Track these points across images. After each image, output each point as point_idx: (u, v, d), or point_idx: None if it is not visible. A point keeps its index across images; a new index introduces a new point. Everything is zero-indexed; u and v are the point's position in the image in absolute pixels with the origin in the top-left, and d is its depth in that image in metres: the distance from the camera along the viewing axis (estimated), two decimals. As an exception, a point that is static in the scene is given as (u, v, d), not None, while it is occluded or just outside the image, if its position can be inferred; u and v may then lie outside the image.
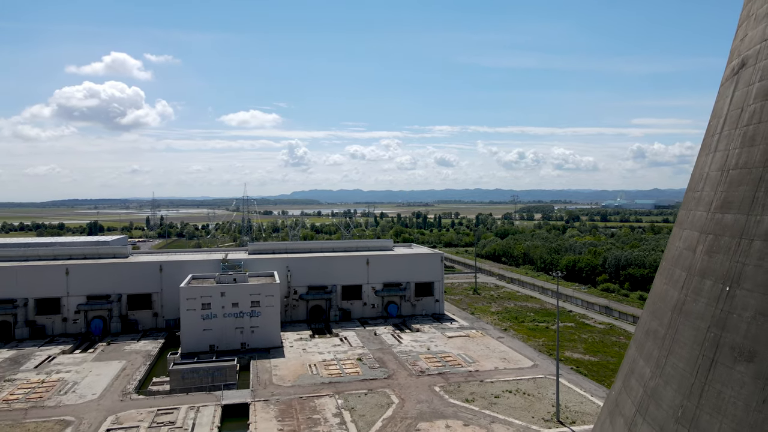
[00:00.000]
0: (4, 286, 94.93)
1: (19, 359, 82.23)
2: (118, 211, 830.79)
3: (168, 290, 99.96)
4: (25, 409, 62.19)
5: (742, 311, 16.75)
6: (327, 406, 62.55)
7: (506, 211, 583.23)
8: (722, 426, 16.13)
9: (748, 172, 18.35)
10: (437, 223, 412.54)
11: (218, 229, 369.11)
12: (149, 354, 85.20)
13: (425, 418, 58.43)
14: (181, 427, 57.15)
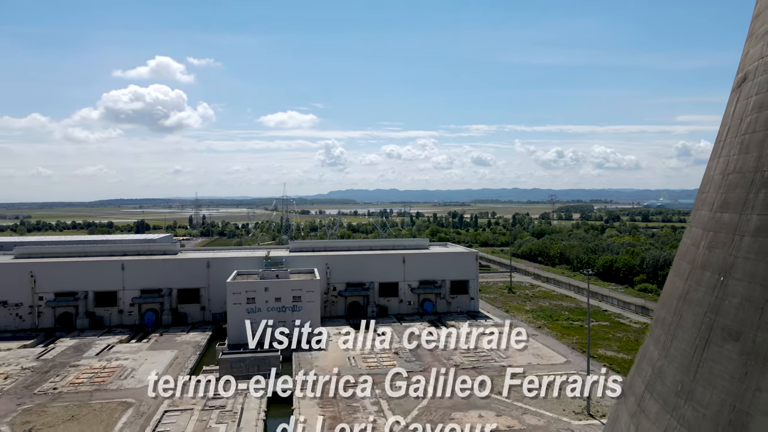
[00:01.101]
0: (67, 279, 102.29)
1: (82, 347, 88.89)
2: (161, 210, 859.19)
3: (214, 285, 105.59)
4: (90, 392, 67.98)
5: (732, 298, 19.19)
6: (366, 394, 66.02)
7: (544, 211, 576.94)
8: (712, 396, 18.65)
9: (742, 176, 20.71)
10: (473, 222, 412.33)
11: (258, 228, 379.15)
12: (198, 345, 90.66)
13: (459, 408, 61.28)
14: (231, 411, 61.68)
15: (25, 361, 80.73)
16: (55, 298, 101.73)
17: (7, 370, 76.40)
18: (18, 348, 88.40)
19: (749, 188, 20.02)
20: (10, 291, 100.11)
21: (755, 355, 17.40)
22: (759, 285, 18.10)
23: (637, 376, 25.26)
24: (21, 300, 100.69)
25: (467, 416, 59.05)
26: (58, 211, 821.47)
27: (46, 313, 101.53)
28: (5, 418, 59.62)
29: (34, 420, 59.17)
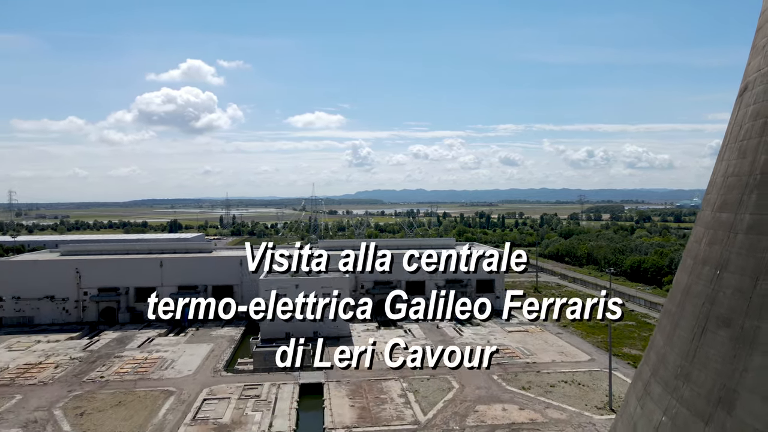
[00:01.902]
0: (109, 276, 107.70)
1: (124, 340, 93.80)
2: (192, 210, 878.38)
3: (248, 282, 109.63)
4: (135, 381, 72.31)
5: (726, 289, 21.21)
6: (393, 388, 68.73)
7: (573, 212, 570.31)
8: (706, 377, 20.72)
9: (739, 179, 22.67)
10: (500, 223, 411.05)
11: (287, 228, 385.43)
12: (233, 339, 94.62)
13: (483, 402, 63.43)
14: (266, 400, 65.04)
15: (73, 352, 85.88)
16: (99, 293, 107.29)
17: (57, 360, 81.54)
18: (66, 340, 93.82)
19: (744, 190, 22.02)
20: (57, 286, 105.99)
21: (743, 340, 19.46)
22: (748, 277, 20.14)
23: (645, 364, 27.36)
24: (67, 295, 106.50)
25: (491, 409, 61.13)
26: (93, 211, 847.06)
27: (90, 307, 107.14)
28: (58, 403, 64.19)
29: (84, 405, 63.58)
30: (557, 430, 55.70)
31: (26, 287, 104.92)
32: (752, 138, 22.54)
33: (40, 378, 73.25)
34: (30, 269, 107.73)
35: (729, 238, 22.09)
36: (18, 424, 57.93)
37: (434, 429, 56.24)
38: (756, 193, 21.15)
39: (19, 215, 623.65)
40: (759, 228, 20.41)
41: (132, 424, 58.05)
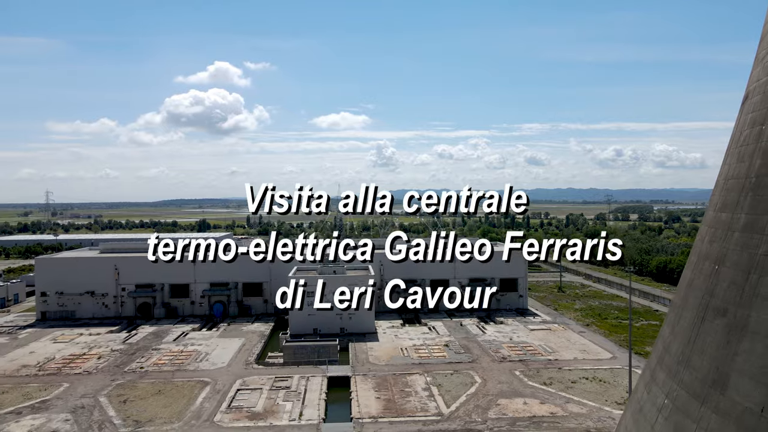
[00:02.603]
0: (146, 273, 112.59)
1: (160, 333, 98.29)
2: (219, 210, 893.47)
3: (276, 280, 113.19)
4: (172, 371, 76.31)
5: (722, 282, 23.18)
6: (417, 382, 71.23)
7: (600, 212, 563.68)
8: (703, 362, 22.73)
9: (737, 182, 24.58)
10: (525, 223, 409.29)
11: (312, 228, 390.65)
12: (263, 334, 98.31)
13: (505, 396, 65.45)
14: (296, 391, 68.19)
15: (113, 344, 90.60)
16: (136, 289, 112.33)
17: (99, 351, 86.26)
18: (106, 333, 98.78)
19: (741, 192, 23.97)
20: (97, 282, 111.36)
21: (735, 327, 21.48)
22: (742, 271, 22.13)
23: (653, 353, 29.39)
24: (106, 290, 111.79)
25: (513, 402, 63.13)
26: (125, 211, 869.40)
27: (127, 302, 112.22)
28: (102, 391, 68.44)
29: (126, 393, 67.68)
30: (577, 423, 57.46)
31: (68, 283, 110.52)
32: (749, 144, 24.44)
33: (85, 368, 77.86)
34: (72, 266, 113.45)
35: (727, 236, 24.05)
36: (67, 410, 62.19)
37: (457, 420, 58.55)
38: (751, 195, 23.08)
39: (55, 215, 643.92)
40: (752, 227, 22.36)
41: (172, 410, 61.77)
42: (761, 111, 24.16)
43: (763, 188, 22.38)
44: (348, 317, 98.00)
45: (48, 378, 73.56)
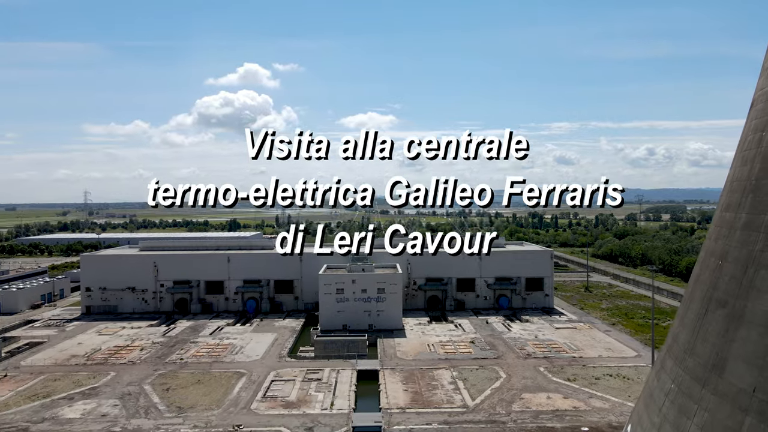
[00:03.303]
0: (183, 270, 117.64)
1: (197, 328, 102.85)
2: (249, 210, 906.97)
3: (306, 277, 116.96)
4: (210, 363, 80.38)
5: (724, 276, 25.17)
6: (443, 376, 73.65)
7: (631, 212, 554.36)
8: (705, 349, 24.78)
9: (740, 184, 26.50)
10: (554, 223, 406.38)
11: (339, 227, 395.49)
12: (294, 329, 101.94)
13: (529, 390, 67.38)
14: (327, 383, 71.35)
15: (154, 337, 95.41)
16: (173, 285, 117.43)
17: (141, 344, 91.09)
18: (146, 326, 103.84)
19: (743, 193, 25.93)
20: (137, 279, 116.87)
21: (733, 317, 23.51)
22: (741, 266, 24.14)
23: (665, 344, 31.40)
24: (146, 287, 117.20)
25: (536, 397, 65.05)
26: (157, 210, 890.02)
27: (166, 298, 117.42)
28: (146, 380, 72.81)
29: (169, 382, 71.88)
30: (599, 417, 59.10)
31: (111, 279, 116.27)
32: (752, 149, 26.35)
33: (129, 358, 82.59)
34: (114, 263, 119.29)
35: (730, 234, 26.02)
36: (115, 396, 66.62)
37: (481, 412, 60.82)
38: (751, 196, 25.03)
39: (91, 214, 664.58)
40: (751, 225, 24.33)
41: (211, 398, 65.61)
42: (763, 118, 26.06)
43: (762, 190, 24.33)
44: (376, 314, 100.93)
45: (96, 367, 78.42)
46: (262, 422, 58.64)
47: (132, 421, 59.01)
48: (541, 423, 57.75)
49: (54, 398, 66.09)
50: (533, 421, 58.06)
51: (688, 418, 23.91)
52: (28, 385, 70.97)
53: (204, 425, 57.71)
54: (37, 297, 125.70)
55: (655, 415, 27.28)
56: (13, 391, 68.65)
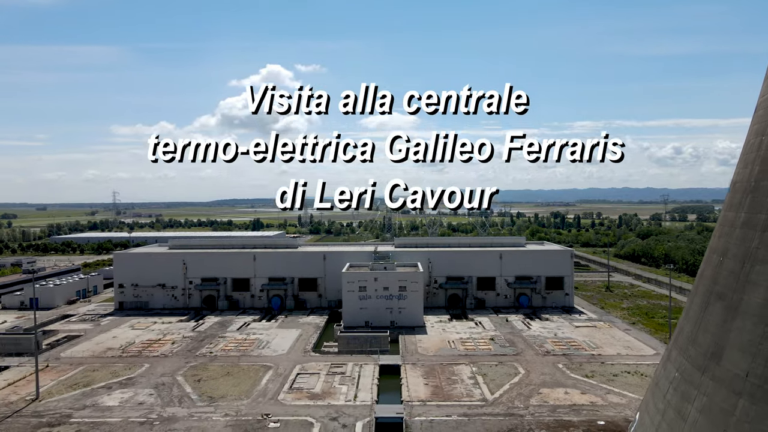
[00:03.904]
0: (210, 268, 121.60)
1: (225, 323, 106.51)
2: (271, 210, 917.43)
3: (330, 275, 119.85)
4: (238, 356, 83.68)
5: (724, 271, 26.89)
6: (463, 371, 75.67)
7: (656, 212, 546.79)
8: (706, 338, 26.54)
9: (741, 185, 28.17)
10: (576, 223, 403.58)
11: (362, 227, 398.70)
12: (318, 326, 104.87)
13: (547, 386, 69.02)
14: (350, 377, 73.95)
15: (184, 332, 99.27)
16: (202, 282, 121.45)
17: (172, 338, 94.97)
18: (176, 322, 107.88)
19: (743, 194, 27.63)
20: (167, 276, 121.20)
21: (731, 309, 25.29)
22: (739, 261, 25.89)
23: (672, 337, 33.12)
24: (176, 283, 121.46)
25: (554, 392, 66.68)
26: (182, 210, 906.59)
27: (194, 295, 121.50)
28: (179, 371, 76.35)
29: (200, 374, 75.29)
30: (616, 412, 60.53)
31: (143, 276, 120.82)
32: (752, 152, 28.03)
33: (161, 351, 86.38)
34: (145, 261, 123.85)
35: (730, 232, 27.75)
36: (150, 386, 70.21)
37: (500, 406, 62.73)
38: (750, 197, 26.74)
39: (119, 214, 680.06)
40: (749, 224, 26.05)
41: (240, 389, 68.74)
42: (763, 123, 27.72)
43: (760, 191, 26.04)
44: (398, 311, 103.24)
45: (131, 359, 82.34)
46: (289, 412, 61.45)
47: (167, 409, 62.39)
48: (558, 417, 59.44)
49: (93, 387, 69.97)
50: (550, 415, 59.78)
51: (689, 402, 25.72)
52: (68, 375, 75.11)
53: (234, 414, 60.78)
54: (72, 293, 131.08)
55: (660, 401, 29.10)
56: (55, 380, 72.79)
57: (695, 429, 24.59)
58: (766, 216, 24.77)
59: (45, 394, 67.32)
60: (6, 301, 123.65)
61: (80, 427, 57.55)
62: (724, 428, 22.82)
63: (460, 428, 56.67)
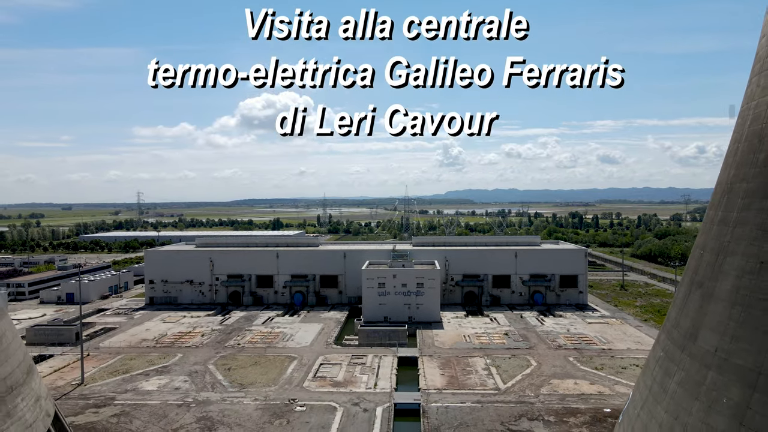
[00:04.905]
0: (236, 265, 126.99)
1: (250, 318, 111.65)
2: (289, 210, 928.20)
3: (350, 273, 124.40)
4: (264, 348, 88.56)
5: (703, 263, 30.43)
6: (478, 363, 79.47)
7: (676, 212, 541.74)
8: (686, 322, 30.18)
9: (720, 187, 31.66)
10: (594, 223, 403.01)
11: (380, 227, 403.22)
12: (339, 320, 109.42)
13: (557, 377, 72.50)
14: (370, 367, 78.25)
15: (212, 325, 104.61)
16: (228, 279, 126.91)
17: (202, 330, 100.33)
18: (205, 316, 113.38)
19: (722, 195, 31.23)
20: (195, 273, 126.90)
21: (707, 295, 28.95)
22: (715, 254, 29.52)
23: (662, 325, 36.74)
24: (203, 280, 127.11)
25: (564, 382, 70.16)
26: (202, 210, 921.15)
27: (220, 290, 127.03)
28: (210, 360, 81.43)
29: (229, 363, 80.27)
30: (622, 401, 63.80)
31: (172, 273, 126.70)
32: (731, 157, 31.60)
33: (192, 343, 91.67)
34: (174, 258, 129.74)
35: (710, 228, 31.35)
36: (184, 373, 75.34)
37: (512, 395, 66.46)
38: (726, 197, 30.33)
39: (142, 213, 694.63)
40: (724, 221, 29.65)
41: (268, 377, 73.48)
42: (739, 132, 31.29)
43: (734, 192, 29.64)
44: (416, 307, 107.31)
45: (164, 349, 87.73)
46: (314, 397, 65.96)
47: (201, 393, 67.35)
48: (566, 404, 62.99)
49: (132, 374, 75.34)
50: (559, 403, 63.36)
51: (670, 377, 29.37)
52: (108, 363, 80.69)
53: (263, 398, 65.47)
54: (105, 289, 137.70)
55: (648, 378, 32.77)
56: (97, 367, 78.38)
57: (674, 399, 28.28)
58: (736, 214, 28.34)
59: (89, 380, 72.84)
60: (44, 296, 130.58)
61: (124, 408, 62.75)
62: (696, 396, 26.50)
63: (474, 413, 60.56)
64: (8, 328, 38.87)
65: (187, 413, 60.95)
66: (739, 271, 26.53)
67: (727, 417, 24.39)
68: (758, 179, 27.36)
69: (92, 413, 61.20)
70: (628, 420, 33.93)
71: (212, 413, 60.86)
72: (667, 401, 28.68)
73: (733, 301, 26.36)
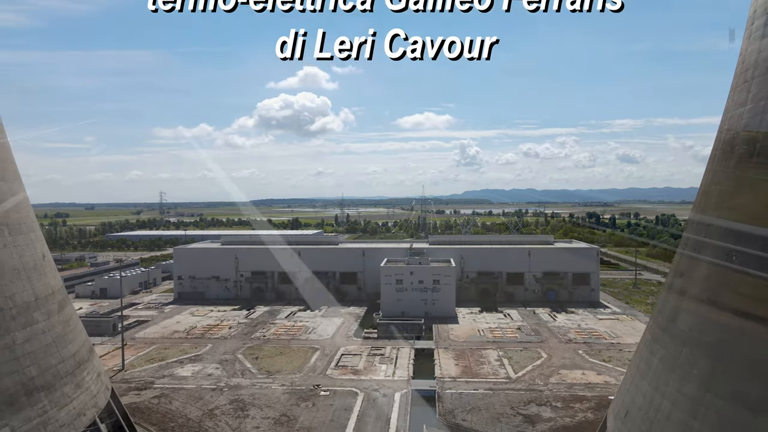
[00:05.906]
0: (260, 262, 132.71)
1: (274, 312, 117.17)
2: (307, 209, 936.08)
3: (368, 270, 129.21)
4: (288, 340, 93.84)
5: (684, 258, 34.61)
6: (490, 354, 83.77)
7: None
8: (667, 308, 34.36)
9: (702, 189, 35.77)
10: (611, 223, 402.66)
11: (397, 227, 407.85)
12: (358, 315, 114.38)
13: (566, 368, 76.51)
14: (389, 357, 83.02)
15: (238, 319, 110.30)
16: (252, 275, 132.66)
17: (229, 323, 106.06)
18: (231, 310, 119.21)
19: (701, 196, 35.33)
20: (221, 269, 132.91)
21: (686, 283, 33.11)
22: (692, 250, 33.67)
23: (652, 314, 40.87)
24: (228, 276, 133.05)
25: (572, 373, 74.17)
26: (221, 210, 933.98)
27: (245, 287, 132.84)
28: (238, 350, 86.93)
29: (256, 353, 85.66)
30: (626, 390, 67.68)
31: (199, 269, 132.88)
32: (711, 162, 35.68)
33: (221, 334, 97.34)
34: (201, 255, 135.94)
35: (690, 227, 35.49)
36: (215, 362, 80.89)
37: (522, 383, 70.70)
38: (704, 199, 34.45)
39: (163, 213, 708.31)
40: (700, 221, 33.80)
41: (293, 366, 78.67)
42: (718, 141, 35.34)
43: (710, 195, 33.77)
44: (432, 303, 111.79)
45: (195, 340, 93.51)
46: (337, 384, 70.95)
47: (232, 379, 72.76)
48: (573, 392, 67.09)
49: (168, 362, 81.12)
50: (567, 391, 67.47)
51: (654, 355, 33.58)
52: (145, 351, 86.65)
53: (290, 384, 70.63)
54: (135, 284, 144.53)
55: (637, 358, 36.96)
56: (135, 355, 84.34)
57: (656, 374, 32.51)
58: (711, 212, 32.51)
59: (128, 366, 78.76)
60: (79, 290, 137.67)
61: (163, 391, 68.39)
62: (673, 369, 30.72)
63: (486, 399, 64.99)
64: (74, 314, 44.43)
65: (221, 396, 66.36)
66: (710, 263, 30.71)
67: (695, 385, 28.60)
68: (729, 182, 31.47)
69: (135, 395, 66.93)
70: (619, 395, 38.19)
71: (243, 396, 66.19)
72: (651, 376, 32.92)
73: (704, 289, 30.56)
